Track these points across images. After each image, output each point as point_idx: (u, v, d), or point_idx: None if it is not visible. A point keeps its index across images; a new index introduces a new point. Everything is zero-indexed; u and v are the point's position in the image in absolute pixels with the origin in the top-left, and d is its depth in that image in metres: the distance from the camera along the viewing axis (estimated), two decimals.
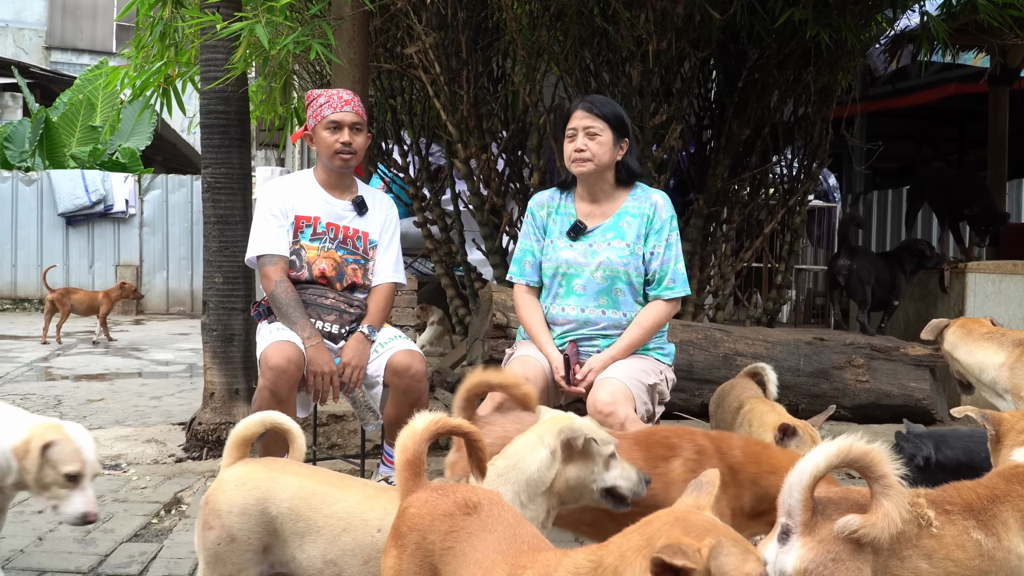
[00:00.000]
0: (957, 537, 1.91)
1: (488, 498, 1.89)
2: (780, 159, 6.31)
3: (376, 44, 5.93)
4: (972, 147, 12.56)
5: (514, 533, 1.80)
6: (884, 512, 1.77)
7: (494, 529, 1.81)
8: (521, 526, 1.83)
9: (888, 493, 1.77)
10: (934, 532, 1.90)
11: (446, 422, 2.01)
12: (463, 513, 1.85)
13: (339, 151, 3.60)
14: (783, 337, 5.19)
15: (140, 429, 5.26)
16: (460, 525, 1.83)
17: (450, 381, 5.31)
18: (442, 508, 1.87)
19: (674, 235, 3.39)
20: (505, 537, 1.79)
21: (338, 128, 3.60)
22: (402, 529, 1.90)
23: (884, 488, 1.78)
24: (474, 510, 1.85)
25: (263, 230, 3.62)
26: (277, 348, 3.32)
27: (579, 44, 5.42)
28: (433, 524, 1.85)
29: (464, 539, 1.80)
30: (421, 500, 1.91)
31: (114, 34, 23.41)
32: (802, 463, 1.82)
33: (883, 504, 1.77)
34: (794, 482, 1.82)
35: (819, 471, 1.79)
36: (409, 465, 1.97)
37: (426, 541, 1.84)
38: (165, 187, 15.13)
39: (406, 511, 1.91)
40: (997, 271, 5.96)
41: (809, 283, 9.98)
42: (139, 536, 3.42)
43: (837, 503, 1.87)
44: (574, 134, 3.33)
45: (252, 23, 3.96)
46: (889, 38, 7.37)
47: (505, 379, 2.44)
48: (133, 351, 9.79)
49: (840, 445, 1.78)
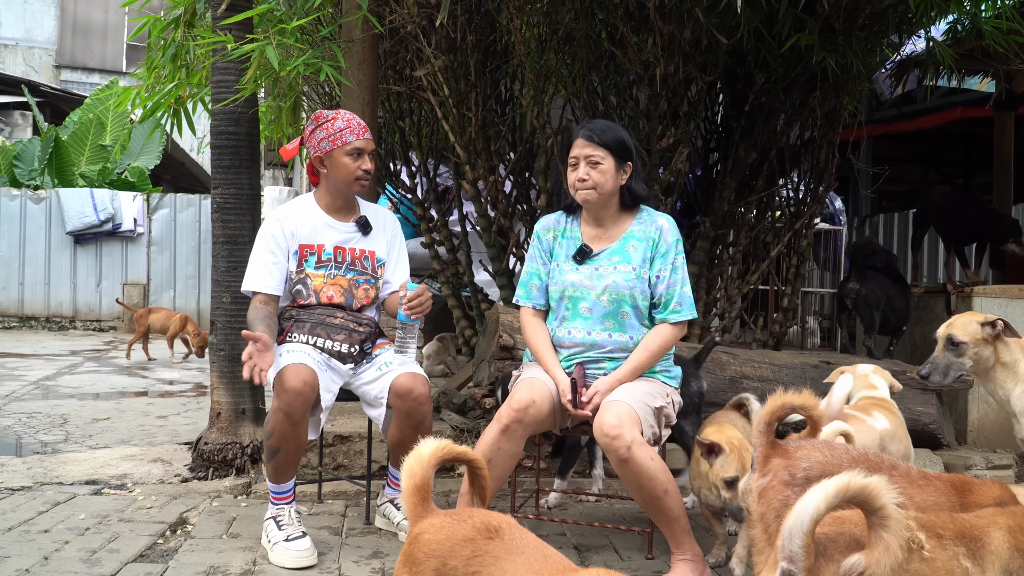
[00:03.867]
0: (947, 563, 1.90)
1: (508, 522, 1.88)
2: (786, 182, 6.32)
3: (386, 66, 5.96)
4: (978, 171, 12.56)
5: (543, 554, 1.79)
6: (885, 545, 1.75)
7: (522, 551, 1.80)
8: (547, 548, 1.82)
9: (887, 524, 1.76)
10: (925, 556, 1.88)
11: (451, 448, 2.02)
12: (485, 537, 1.84)
13: (360, 177, 3.64)
14: (789, 360, 5.18)
15: (146, 448, 5.27)
16: (484, 549, 1.82)
17: (456, 402, 5.30)
18: (461, 533, 1.86)
19: (680, 259, 3.40)
20: (536, 558, 1.78)
21: (360, 155, 3.63)
22: (417, 556, 1.88)
23: (882, 520, 1.76)
24: (496, 534, 1.84)
25: (257, 266, 3.63)
26: (293, 371, 3.33)
27: (587, 67, 5.45)
28: (453, 550, 1.84)
29: (491, 563, 1.79)
30: (436, 526, 1.90)
31: (124, 53, 23.57)
32: (801, 506, 1.76)
33: (883, 537, 1.76)
34: (795, 527, 1.77)
35: (820, 514, 1.75)
36: (417, 491, 1.96)
37: (446, 567, 1.83)
38: (173, 206, 15.20)
39: (420, 537, 1.90)
40: (1003, 295, 5.95)
41: (816, 306, 9.97)
42: (144, 556, 3.42)
43: (835, 540, 1.86)
44: (576, 163, 3.34)
45: (263, 44, 3.99)
46: (895, 63, 7.40)
47: (806, 401, 2.42)
48: (140, 370, 9.80)
49: (839, 483, 1.74)
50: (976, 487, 2.33)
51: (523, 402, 3.16)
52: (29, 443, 5.64)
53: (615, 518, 4.08)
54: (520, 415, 3.14)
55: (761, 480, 2.33)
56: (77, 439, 5.77)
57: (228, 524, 3.85)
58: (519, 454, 3.24)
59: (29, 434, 5.92)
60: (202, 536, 3.68)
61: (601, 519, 4.02)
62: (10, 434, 5.94)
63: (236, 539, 3.64)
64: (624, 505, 4.31)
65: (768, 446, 2.36)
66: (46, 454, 5.19)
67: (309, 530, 3.53)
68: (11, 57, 22.77)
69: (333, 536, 3.71)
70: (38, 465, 4.79)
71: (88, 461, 4.89)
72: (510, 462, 3.20)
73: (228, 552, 3.48)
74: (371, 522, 3.90)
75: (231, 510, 4.07)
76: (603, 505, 4.35)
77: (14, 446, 5.57)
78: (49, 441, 5.69)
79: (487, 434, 3.17)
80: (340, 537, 3.71)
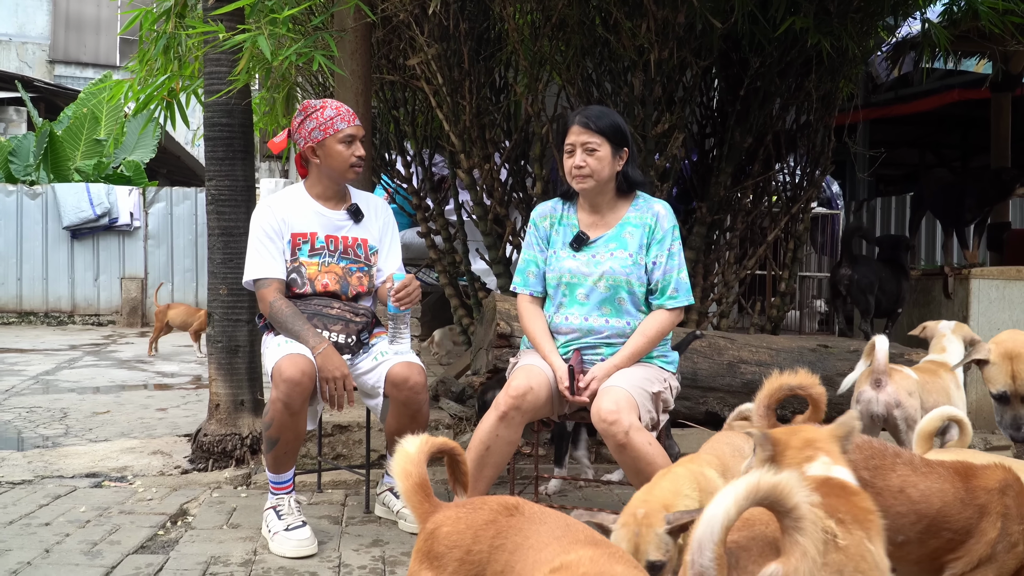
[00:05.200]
0: (858, 547, 1.78)
1: (527, 502, 1.89)
2: (783, 167, 6.32)
3: (379, 55, 5.95)
4: (975, 153, 12.55)
5: (566, 523, 1.79)
6: (801, 551, 1.58)
7: (544, 521, 1.80)
8: (569, 519, 1.82)
9: (801, 526, 1.58)
10: (840, 545, 1.74)
11: (434, 442, 2.02)
12: (506, 515, 1.84)
13: (354, 164, 3.63)
14: (787, 344, 5.18)
15: (146, 441, 5.28)
16: (507, 524, 1.82)
17: (454, 391, 5.31)
18: (481, 518, 1.86)
19: (676, 245, 3.40)
20: (559, 526, 1.77)
21: (353, 141, 3.62)
22: (438, 550, 1.87)
23: (796, 521, 1.58)
24: (516, 510, 1.85)
25: (257, 253, 3.63)
26: (291, 361, 3.33)
27: (581, 54, 5.43)
28: (477, 535, 1.83)
29: (515, 534, 1.79)
30: (453, 518, 1.89)
31: (118, 47, 23.49)
32: (709, 515, 1.56)
33: (798, 541, 1.58)
34: (704, 538, 1.56)
35: (731, 520, 1.56)
36: (419, 489, 1.96)
37: (471, 554, 1.82)
38: (169, 199, 15.18)
39: (438, 531, 1.89)
40: (1001, 277, 5.95)
41: (813, 290, 9.98)
42: (145, 547, 3.43)
43: (747, 548, 1.71)
44: (572, 150, 3.34)
45: (255, 35, 3.98)
46: (891, 45, 7.38)
47: (803, 380, 2.38)
48: (139, 363, 9.81)
49: (748, 484, 1.56)
50: (980, 471, 2.31)
51: (521, 389, 3.16)
52: (29, 437, 5.65)
53: (616, 503, 4.09)
54: (518, 402, 3.14)
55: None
56: (77, 433, 5.77)
57: (228, 515, 3.85)
58: (517, 441, 3.25)
59: (29, 428, 5.92)
60: (202, 527, 3.68)
61: (601, 504, 4.03)
62: (10, 429, 5.94)
63: (236, 529, 3.65)
64: (624, 490, 4.31)
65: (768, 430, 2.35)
66: (46, 448, 5.19)
67: (309, 519, 3.54)
68: (5, 53, 22.69)
69: (333, 525, 3.72)
70: (38, 459, 4.79)
71: (88, 454, 4.89)
72: (508, 449, 3.20)
73: (229, 542, 3.48)
74: (371, 511, 3.91)
75: (231, 501, 4.08)
76: (603, 491, 4.36)
77: (15, 440, 5.58)
78: (49, 435, 5.70)
79: (485, 421, 3.17)
80: (340, 526, 3.71)
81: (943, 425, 2.71)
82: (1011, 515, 2.24)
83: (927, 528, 2.24)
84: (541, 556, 1.68)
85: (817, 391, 2.41)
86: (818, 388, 2.41)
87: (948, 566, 2.26)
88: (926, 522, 2.24)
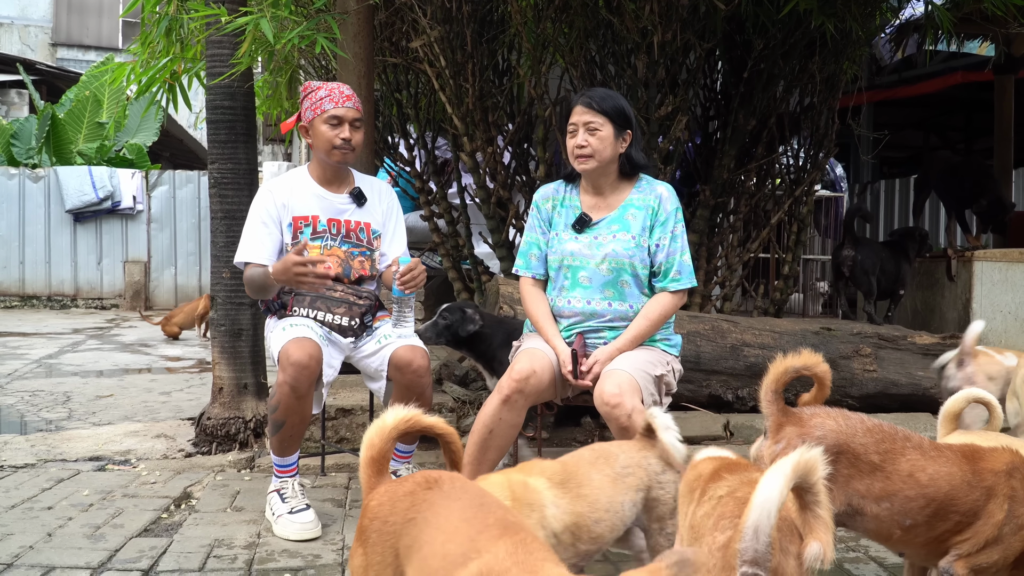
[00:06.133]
0: None
1: (451, 476, 1.83)
2: (786, 149, 6.30)
3: (381, 38, 5.92)
4: (979, 135, 12.52)
5: (480, 503, 1.72)
6: (824, 524, 1.65)
7: (459, 498, 1.74)
8: (487, 497, 1.76)
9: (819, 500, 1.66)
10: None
11: (417, 419, 1.95)
12: (424, 488, 1.79)
13: (339, 147, 3.58)
14: (790, 327, 5.18)
15: (149, 424, 5.29)
16: (422, 498, 1.77)
17: (457, 374, 5.31)
18: (403, 490, 1.81)
19: (679, 227, 3.39)
20: (471, 505, 1.70)
21: (339, 123, 3.58)
22: (364, 523, 1.84)
23: (815, 496, 1.65)
24: (435, 484, 1.80)
25: (251, 237, 3.62)
26: (298, 344, 3.33)
27: (584, 36, 5.41)
28: (394, 507, 1.79)
29: (426, 508, 1.73)
30: (381, 492, 1.86)
31: (120, 30, 23.45)
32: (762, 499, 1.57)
33: (820, 515, 1.66)
34: (761, 523, 1.57)
35: (783, 503, 1.59)
36: (373, 463, 1.91)
37: (387, 526, 1.78)
38: (172, 183, 15.16)
39: (368, 506, 1.86)
40: (1004, 259, 5.95)
41: (817, 273, 9.97)
42: (149, 531, 3.43)
43: (784, 532, 1.73)
44: (575, 130, 3.32)
45: (257, 17, 3.96)
46: (895, 27, 7.34)
47: (807, 361, 2.37)
48: (142, 347, 9.82)
49: (794, 463, 1.59)
50: (987, 454, 2.32)
51: (524, 372, 3.16)
52: (32, 421, 5.66)
53: None
54: (521, 385, 3.14)
55: (775, 447, 2.31)
56: (80, 416, 5.79)
57: (232, 498, 3.87)
58: (520, 424, 3.25)
59: (32, 412, 5.94)
60: (206, 510, 3.70)
61: None
62: (13, 412, 5.96)
63: (240, 512, 3.66)
64: None
65: (780, 413, 2.35)
66: (49, 431, 5.21)
67: (313, 502, 3.55)
68: (7, 35, 22.66)
69: (336, 508, 3.73)
70: (41, 443, 4.80)
71: (91, 438, 4.90)
72: (511, 432, 3.21)
73: (232, 525, 3.49)
74: None
75: (235, 484, 4.09)
76: None
77: (18, 424, 5.60)
78: (52, 419, 5.71)
79: (488, 405, 3.17)
80: (343, 509, 3.72)
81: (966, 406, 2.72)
82: (1018, 497, 2.24)
83: (935, 512, 2.25)
84: (449, 548, 1.60)
85: (822, 369, 2.41)
86: (823, 366, 2.41)
87: (955, 547, 2.27)
88: (935, 506, 2.24)
